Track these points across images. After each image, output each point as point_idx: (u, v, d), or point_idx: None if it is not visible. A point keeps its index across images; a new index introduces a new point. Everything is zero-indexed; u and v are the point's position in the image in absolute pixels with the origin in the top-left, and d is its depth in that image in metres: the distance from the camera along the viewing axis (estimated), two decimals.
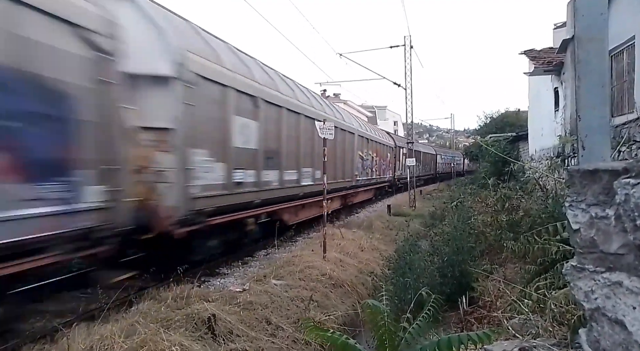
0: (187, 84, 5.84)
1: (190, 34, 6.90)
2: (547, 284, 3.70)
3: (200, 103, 6.19)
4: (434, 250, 6.71)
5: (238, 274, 7.07)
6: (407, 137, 23.94)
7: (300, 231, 10.85)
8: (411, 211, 16.70)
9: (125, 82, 4.97)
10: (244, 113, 7.50)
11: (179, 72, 5.71)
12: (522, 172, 11.52)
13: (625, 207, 0.86)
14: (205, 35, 7.44)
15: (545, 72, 13.01)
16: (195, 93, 6.01)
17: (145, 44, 5.58)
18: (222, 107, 6.89)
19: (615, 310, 0.91)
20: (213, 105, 6.67)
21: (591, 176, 1.00)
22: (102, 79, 4.54)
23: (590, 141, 2.39)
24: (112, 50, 4.69)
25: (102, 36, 4.55)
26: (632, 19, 7.71)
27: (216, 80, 6.68)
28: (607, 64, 2.52)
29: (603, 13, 2.40)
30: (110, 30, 4.68)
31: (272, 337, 4.50)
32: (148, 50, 5.61)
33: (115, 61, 4.75)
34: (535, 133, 16.17)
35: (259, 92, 8.06)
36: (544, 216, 5.43)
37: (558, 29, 15.06)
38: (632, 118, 7.12)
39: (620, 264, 0.92)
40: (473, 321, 4.43)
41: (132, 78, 5.21)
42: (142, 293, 5.34)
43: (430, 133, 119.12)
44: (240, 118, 7.36)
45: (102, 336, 3.74)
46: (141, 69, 5.45)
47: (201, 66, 6.26)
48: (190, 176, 5.94)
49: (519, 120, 28.36)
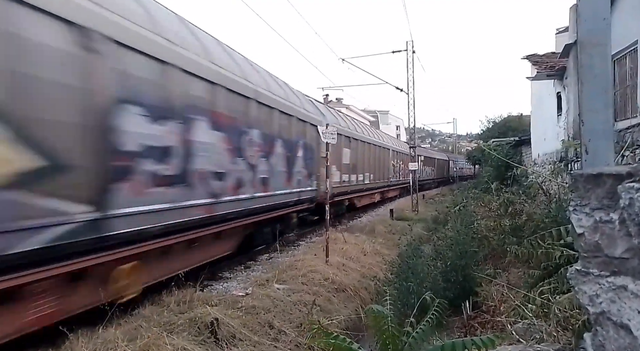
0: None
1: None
2: (550, 289, 3.68)
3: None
4: (437, 254, 6.69)
5: (241, 278, 7.07)
6: (409, 142, 23.95)
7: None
8: (414, 215, 16.67)
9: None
10: (347, 146, 14.50)
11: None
12: (525, 177, 11.51)
13: (630, 211, 0.86)
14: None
15: (548, 76, 13.02)
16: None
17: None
18: (339, 144, 12.87)
19: (621, 314, 0.92)
20: (336, 146, 12.30)
21: (595, 180, 1.00)
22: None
23: (594, 145, 2.39)
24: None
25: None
26: (635, 23, 7.72)
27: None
28: (610, 69, 2.52)
29: (606, 18, 2.41)
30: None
31: (274, 341, 4.49)
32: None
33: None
34: (538, 137, 16.15)
35: (340, 135, 12.96)
36: (547, 220, 5.40)
37: (560, 34, 15.08)
38: (635, 122, 7.11)
39: (625, 268, 0.92)
40: (477, 326, 4.41)
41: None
42: (145, 297, 5.34)
43: (433, 137, 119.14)
44: (345, 149, 14.36)
45: (106, 340, 3.75)
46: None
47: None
48: (332, 176, 11.51)
49: (522, 124, 28.35)
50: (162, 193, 4.99)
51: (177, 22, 6.05)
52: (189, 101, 5.60)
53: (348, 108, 38.71)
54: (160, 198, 4.96)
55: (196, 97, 5.80)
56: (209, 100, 6.13)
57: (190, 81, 5.65)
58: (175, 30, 5.70)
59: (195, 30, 6.55)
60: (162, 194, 4.98)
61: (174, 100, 5.28)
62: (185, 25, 6.27)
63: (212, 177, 6.13)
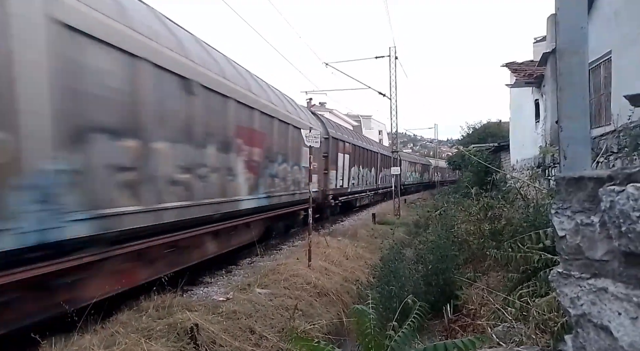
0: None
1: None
2: (529, 292, 3.75)
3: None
4: (419, 258, 6.73)
5: (222, 283, 6.97)
6: (391, 146, 24.17)
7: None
8: (396, 219, 16.79)
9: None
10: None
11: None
12: (503, 182, 11.74)
13: (611, 214, 0.87)
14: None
15: (527, 84, 13.36)
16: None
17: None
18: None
19: (601, 316, 0.93)
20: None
21: (576, 183, 1.02)
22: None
23: (572, 151, 2.45)
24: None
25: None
26: (608, 34, 7.99)
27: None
28: (587, 76, 2.60)
29: (583, 27, 2.48)
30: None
31: (256, 347, 4.43)
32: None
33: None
34: (516, 143, 16.51)
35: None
36: (526, 224, 5.51)
37: (538, 43, 15.50)
38: (609, 130, 7.34)
39: (605, 270, 0.94)
40: (457, 329, 4.45)
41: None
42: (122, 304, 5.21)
43: (415, 142, 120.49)
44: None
45: (81, 346, 3.63)
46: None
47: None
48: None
49: (501, 131, 28.97)
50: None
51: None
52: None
53: (331, 113, 38.84)
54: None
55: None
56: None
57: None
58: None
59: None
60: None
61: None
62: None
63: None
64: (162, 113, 5.40)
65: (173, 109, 5.68)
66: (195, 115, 6.14)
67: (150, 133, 5.13)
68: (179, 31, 6.43)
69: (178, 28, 6.52)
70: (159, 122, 5.33)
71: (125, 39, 4.67)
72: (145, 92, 5.04)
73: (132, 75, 4.83)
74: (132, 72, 4.82)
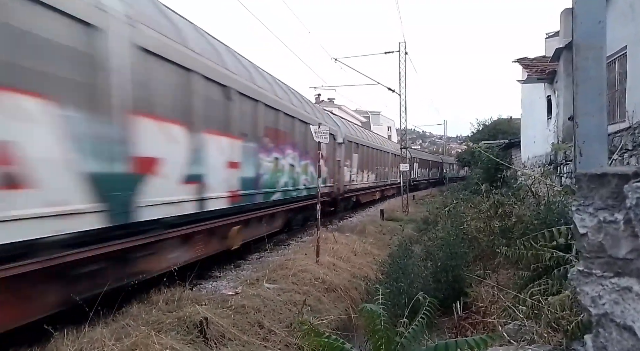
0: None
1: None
2: (541, 290, 3.70)
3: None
4: (428, 255, 6.70)
5: (230, 277, 7.01)
6: (400, 143, 24.06)
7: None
8: (404, 216, 16.72)
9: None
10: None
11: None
12: (514, 179, 11.61)
13: (637, 211, 0.85)
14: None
15: (539, 80, 13.15)
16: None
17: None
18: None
19: (624, 316, 0.90)
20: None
21: (599, 180, 0.99)
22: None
23: (588, 147, 2.40)
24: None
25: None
26: (624, 29, 7.83)
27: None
28: (604, 72, 2.54)
29: (601, 21, 2.42)
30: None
31: (264, 341, 4.44)
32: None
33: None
34: (527, 140, 16.32)
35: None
36: (537, 222, 5.44)
37: (550, 38, 15.26)
38: (624, 126, 7.21)
39: (629, 269, 0.91)
40: (468, 327, 4.42)
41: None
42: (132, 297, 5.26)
43: (423, 139, 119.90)
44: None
45: (92, 339, 3.67)
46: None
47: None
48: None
49: (512, 127, 28.64)
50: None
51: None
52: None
53: (340, 109, 38.72)
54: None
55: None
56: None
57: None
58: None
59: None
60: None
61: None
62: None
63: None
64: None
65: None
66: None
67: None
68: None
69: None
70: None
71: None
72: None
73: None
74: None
